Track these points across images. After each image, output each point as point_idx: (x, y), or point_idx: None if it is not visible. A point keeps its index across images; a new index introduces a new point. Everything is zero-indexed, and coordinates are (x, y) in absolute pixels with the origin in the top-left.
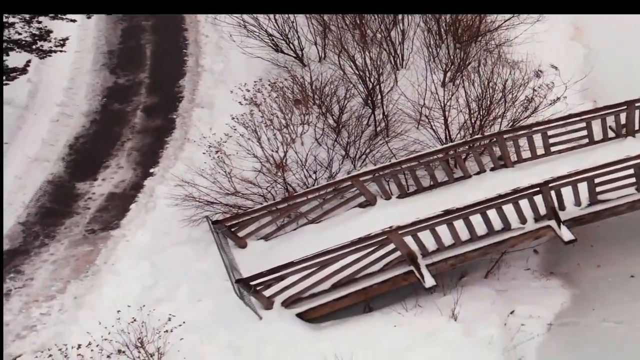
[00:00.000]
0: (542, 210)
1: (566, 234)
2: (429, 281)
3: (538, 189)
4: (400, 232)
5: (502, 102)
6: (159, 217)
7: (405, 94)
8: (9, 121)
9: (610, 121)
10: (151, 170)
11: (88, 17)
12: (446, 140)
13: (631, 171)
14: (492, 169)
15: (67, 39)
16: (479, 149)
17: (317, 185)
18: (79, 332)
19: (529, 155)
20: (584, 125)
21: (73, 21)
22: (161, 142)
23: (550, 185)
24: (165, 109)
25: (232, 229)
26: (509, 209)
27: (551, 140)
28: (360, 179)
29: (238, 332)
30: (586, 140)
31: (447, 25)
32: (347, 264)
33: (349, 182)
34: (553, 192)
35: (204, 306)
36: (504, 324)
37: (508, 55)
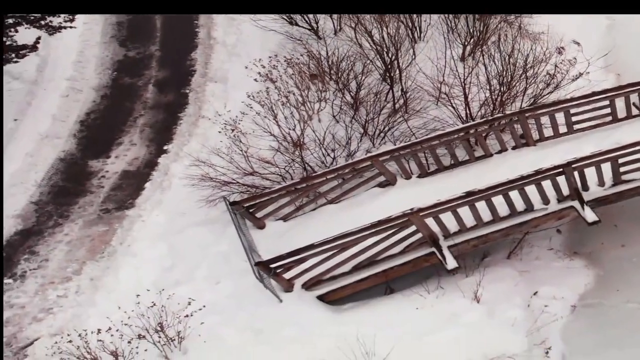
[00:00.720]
0: (565, 191)
1: (590, 215)
2: (451, 263)
3: (561, 170)
4: (421, 214)
5: (523, 78)
6: (174, 196)
7: (423, 71)
8: (18, 97)
9: (634, 98)
10: (165, 148)
11: None
12: (466, 118)
13: None
14: (514, 148)
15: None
16: (500, 127)
17: (336, 165)
18: (97, 315)
19: (551, 134)
20: (607, 102)
21: None
22: (174, 118)
23: (574, 166)
24: (178, 83)
25: (250, 210)
26: (531, 189)
27: (574, 119)
28: (380, 158)
29: (258, 314)
30: (609, 118)
31: None
32: (368, 246)
33: (369, 162)
34: (576, 173)
35: (223, 288)
36: (527, 305)
37: (529, 27)
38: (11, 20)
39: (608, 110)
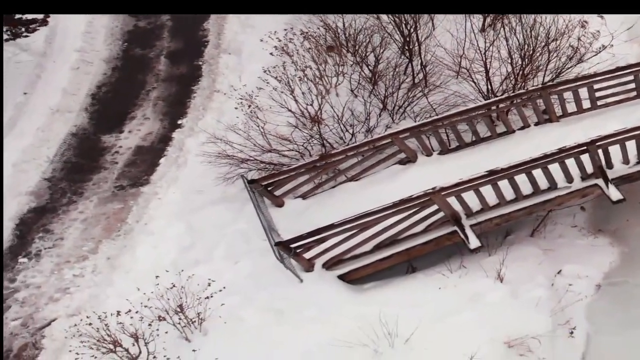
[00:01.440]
0: (589, 169)
1: (614, 193)
2: (474, 242)
3: (585, 148)
4: (443, 194)
5: (546, 51)
6: (190, 173)
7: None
8: (27, 70)
9: None
10: (179, 122)
11: None
12: (488, 93)
13: None
14: (536, 124)
15: None
16: (522, 103)
17: (355, 142)
18: (115, 295)
19: (575, 109)
20: (631, 77)
21: None
22: (188, 91)
23: (598, 144)
24: (190, 55)
25: (269, 188)
26: (555, 168)
27: (597, 94)
28: (400, 136)
29: (278, 294)
30: (634, 93)
31: None
32: (390, 225)
33: (389, 140)
34: (600, 151)
35: (242, 268)
36: (551, 284)
37: None
38: None
39: (633, 85)
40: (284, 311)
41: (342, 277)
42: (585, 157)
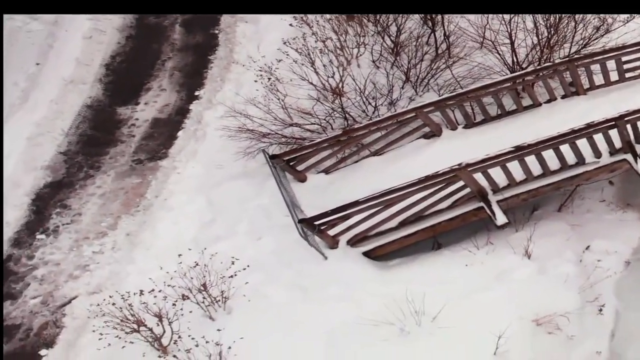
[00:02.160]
0: (618, 144)
1: None
2: (501, 218)
3: (613, 123)
4: (469, 170)
5: (572, 20)
6: (210, 147)
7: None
8: (39, 39)
9: None
10: (196, 93)
11: None
12: (513, 65)
13: None
14: (563, 97)
15: None
16: (548, 75)
17: (378, 116)
18: (136, 272)
19: (602, 82)
20: None
21: None
22: (204, 61)
23: (626, 119)
24: (206, 23)
25: (291, 163)
26: (582, 143)
27: (626, 66)
28: (425, 110)
29: (302, 272)
30: None
31: None
32: (415, 201)
33: (413, 114)
34: (629, 126)
35: (264, 244)
36: (580, 260)
37: None
38: None
39: None
40: (309, 289)
41: (367, 254)
42: (613, 132)
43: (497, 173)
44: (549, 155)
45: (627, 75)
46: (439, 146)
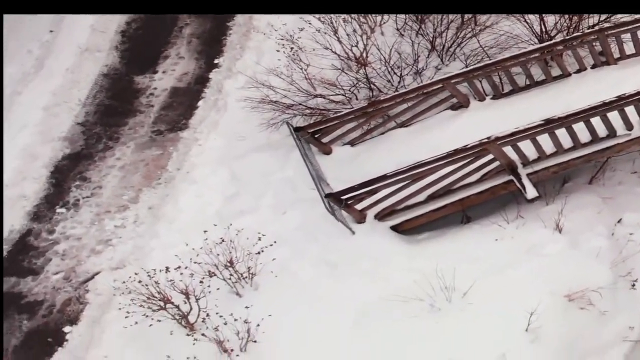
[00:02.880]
0: None
1: None
2: (531, 192)
3: None
4: (499, 143)
5: None
6: (231, 118)
7: None
8: None
9: None
10: (216, 62)
11: None
12: (541, 34)
13: None
14: (593, 67)
15: None
16: (578, 45)
17: (404, 86)
18: (160, 247)
19: (633, 51)
20: None
21: None
22: (223, 27)
23: None
24: None
25: (316, 135)
26: (613, 115)
27: None
28: (452, 81)
29: (330, 247)
30: None
31: None
32: (443, 175)
33: (440, 85)
34: None
35: (290, 219)
36: (612, 234)
37: None
38: None
39: None
40: (337, 264)
41: (394, 228)
42: None
43: (526, 146)
44: (579, 127)
45: None
46: (467, 118)
